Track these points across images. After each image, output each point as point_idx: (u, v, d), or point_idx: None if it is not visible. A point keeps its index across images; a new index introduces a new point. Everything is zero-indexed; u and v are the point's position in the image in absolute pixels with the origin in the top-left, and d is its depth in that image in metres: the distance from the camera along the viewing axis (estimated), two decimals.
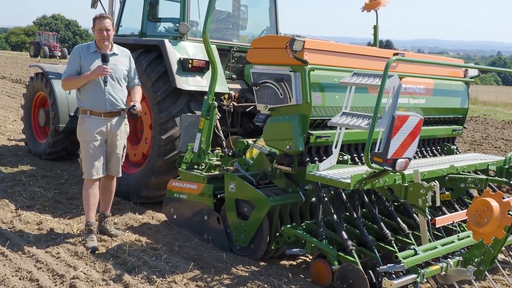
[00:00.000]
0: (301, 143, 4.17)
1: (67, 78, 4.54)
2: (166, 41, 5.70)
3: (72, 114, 7.20)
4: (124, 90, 4.67)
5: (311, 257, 4.25)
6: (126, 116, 4.75)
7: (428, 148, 5.45)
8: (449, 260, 3.84)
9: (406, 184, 3.77)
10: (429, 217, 3.95)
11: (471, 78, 5.69)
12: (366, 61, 4.65)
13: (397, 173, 3.70)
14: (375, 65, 4.59)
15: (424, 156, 5.31)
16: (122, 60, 4.67)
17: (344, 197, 4.16)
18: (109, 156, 4.67)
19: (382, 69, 3.49)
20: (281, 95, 4.26)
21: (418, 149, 5.24)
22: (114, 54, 4.62)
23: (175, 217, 5.02)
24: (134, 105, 4.56)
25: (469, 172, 4.75)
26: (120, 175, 4.83)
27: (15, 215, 5.15)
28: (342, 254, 3.77)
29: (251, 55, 4.54)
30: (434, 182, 3.71)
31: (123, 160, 4.81)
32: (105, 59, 4.48)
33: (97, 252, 4.32)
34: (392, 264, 3.58)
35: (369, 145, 3.44)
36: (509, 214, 3.47)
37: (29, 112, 8.00)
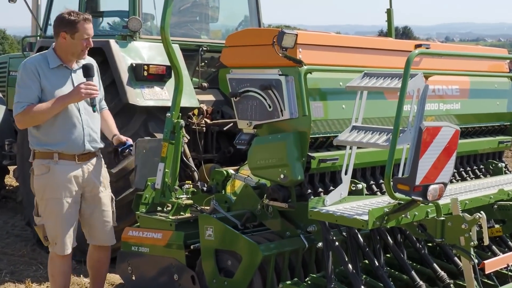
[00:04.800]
0: (300, 170, 4.19)
1: (28, 109, 4.02)
2: (112, 41, 5.75)
3: None
4: (100, 118, 4.41)
5: None
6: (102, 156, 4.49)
7: (468, 168, 5.50)
8: None
9: (442, 218, 3.79)
10: (476, 261, 3.97)
11: None
12: (379, 57, 4.71)
13: (430, 204, 3.72)
14: (392, 61, 4.66)
15: (463, 179, 5.36)
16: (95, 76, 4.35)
17: (361, 239, 4.18)
18: (92, 217, 4.41)
19: (402, 67, 3.54)
20: (270, 107, 4.29)
21: (455, 170, 5.29)
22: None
23: (133, 278, 4.97)
24: (130, 144, 4.44)
25: None
26: (115, 242, 4.60)
27: None
28: None
29: (226, 55, 4.58)
30: (479, 214, 3.74)
31: (115, 220, 4.57)
32: (89, 73, 4.13)
33: None
34: None
35: (390, 168, 3.46)
36: None
37: None
